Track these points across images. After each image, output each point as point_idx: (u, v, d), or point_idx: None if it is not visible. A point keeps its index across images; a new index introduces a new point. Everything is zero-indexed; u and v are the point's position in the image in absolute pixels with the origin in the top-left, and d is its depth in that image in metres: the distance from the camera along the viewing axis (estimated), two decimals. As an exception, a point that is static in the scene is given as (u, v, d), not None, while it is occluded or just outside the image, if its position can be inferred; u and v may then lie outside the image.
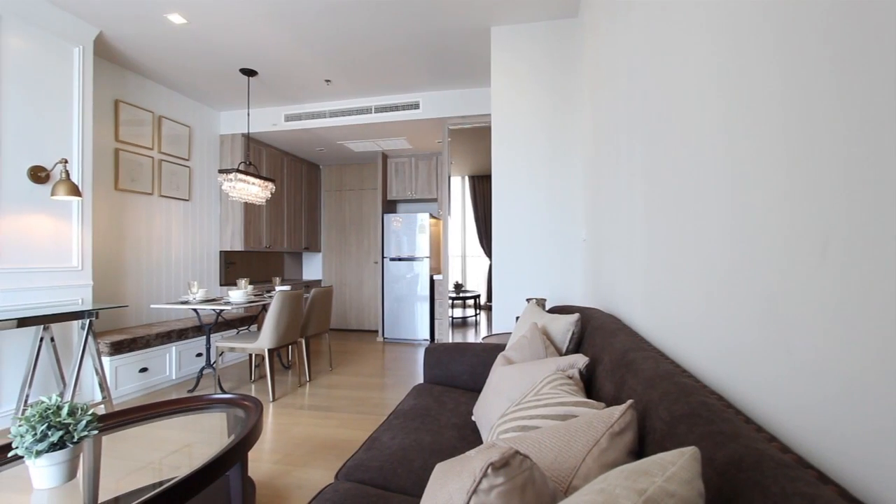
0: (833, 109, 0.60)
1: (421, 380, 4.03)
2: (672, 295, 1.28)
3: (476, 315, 7.27)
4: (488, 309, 8.11)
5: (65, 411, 1.26)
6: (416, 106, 4.65)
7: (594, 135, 2.62)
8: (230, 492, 1.61)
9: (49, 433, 1.21)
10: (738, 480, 0.56)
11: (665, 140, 1.33)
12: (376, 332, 6.56)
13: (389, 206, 6.41)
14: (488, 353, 2.27)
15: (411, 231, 5.92)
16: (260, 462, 2.38)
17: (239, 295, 3.73)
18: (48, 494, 1.33)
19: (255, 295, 4.06)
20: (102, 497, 1.50)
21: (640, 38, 1.59)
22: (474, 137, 5.48)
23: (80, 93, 3.24)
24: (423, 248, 5.90)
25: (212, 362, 3.82)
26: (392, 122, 4.76)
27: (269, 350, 3.45)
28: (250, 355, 4.04)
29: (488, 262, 8.22)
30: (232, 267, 5.38)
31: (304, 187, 6.52)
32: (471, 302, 7.32)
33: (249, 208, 5.24)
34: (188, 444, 2.37)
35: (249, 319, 4.72)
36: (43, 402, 1.30)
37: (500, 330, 3.43)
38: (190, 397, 2.16)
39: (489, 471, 0.56)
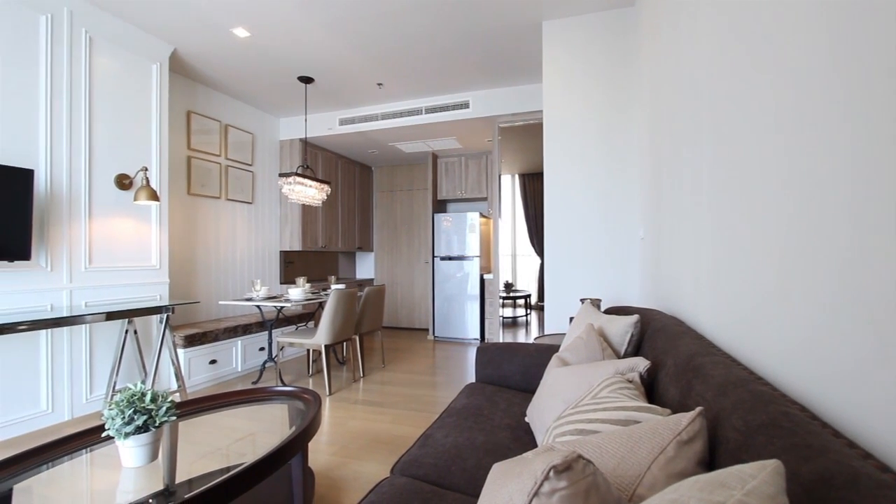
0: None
1: (471, 379, 4.03)
2: (745, 297, 1.19)
3: (527, 315, 7.17)
4: (539, 309, 7.97)
5: (148, 398, 1.38)
6: (465, 105, 4.65)
7: (655, 129, 2.50)
8: (292, 479, 1.69)
9: (135, 417, 1.33)
10: (829, 500, 0.51)
11: (736, 133, 1.24)
12: (427, 330, 6.63)
13: (440, 206, 6.46)
14: (541, 353, 2.23)
15: (461, 230, 5.94)
16: (318, 453, 2.48)
17: (298, 293, 3.91)
18: (134, 473, 1.46)
19: (312, 293, 4.23)
20: (178, 478, 1.63)
21: (708, 31, 1.50)
22: (525, 135, 5.40)
23: (157, 105, 3.52)
24: (473, 247, 5.90)
25: (273, 356, 4.03)
26: (442, 122, 4.80)
27: (325, 346, 3.59)
28: (308, 350, 4.22)
29: (539, 262, 8.08)
30: (290, 266, 5.65)
31: (358, 189, 6.72)
32: (521, 302, 7.23)
33: (307, 210, 5.48)
34: (253, 432, 2.50)
35: (307, 316, 4.93)
36: (129, 389, 1.42)
37: (553, 330, 3.36)
38: (254, 389, 2.28)
39: (551, 474, 0.54)
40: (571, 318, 2.95)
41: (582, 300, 2.76)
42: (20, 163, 2.68)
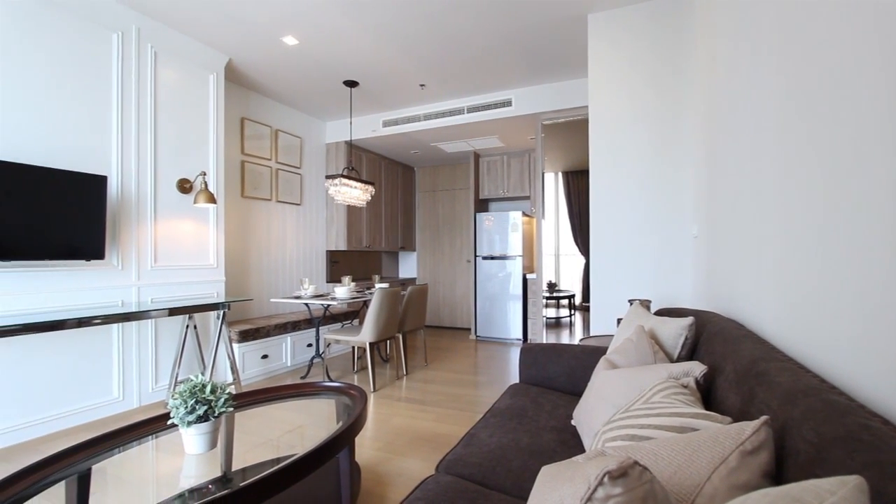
0: None
1: (514, 379, 3.99)
2: (816, 300, 1.11)
3: (570, 316, 7.01)
4: (584, 310, 7.77)
5: (208, 389, 1.46)
6: (508, 103, 4.61)
7: (711, 121, 2.37)
8: (339, 472, 1.74)
9: (196, 407, 1.41)
10: (920, 522, 0.47)
11: (804, 125, 1.16)
12: (469, 329, 6.63)
13: (481, 205, 6.44)
14: (587, 355, 2.17)
15: (503, 229, 5.89)
16: (363, 448, 2.54)
17: (343, 291, 4.01)
18: (196, 459, 1.55)
19: (357, 291, 4.34)
20: (234, 466, 1.71)
21: (773, 18, 1.40)
22: (569, 132, 5.28)
23: (214, 113, 3.73)
24: (515, 246, 5.84)
25: (320, 352, 4.17)
26: (484, 121, 4.78)
27: (369, 343, 3.66)
28: (353, 347, 4.33)
29: (584, 261, 7.88)
30: (336, 265, 5.81)
31: (400, 189, 6.82)
32: (565, 302, 7.08)
33: (351, 210, 5.62)
34: (301, 425, 2.59)
35: (352, 314, 5.06)
36: (191, 380, 1.51)
37: (599, 332, 3.26)
38: (303, 383, 2.36)
39: (605, 479, 0.53)
40: (619, 320, 2.86)
41: (630, 301, 2.66)
42: (95, 170, 2.92)
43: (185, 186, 3.49)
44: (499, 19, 3.26)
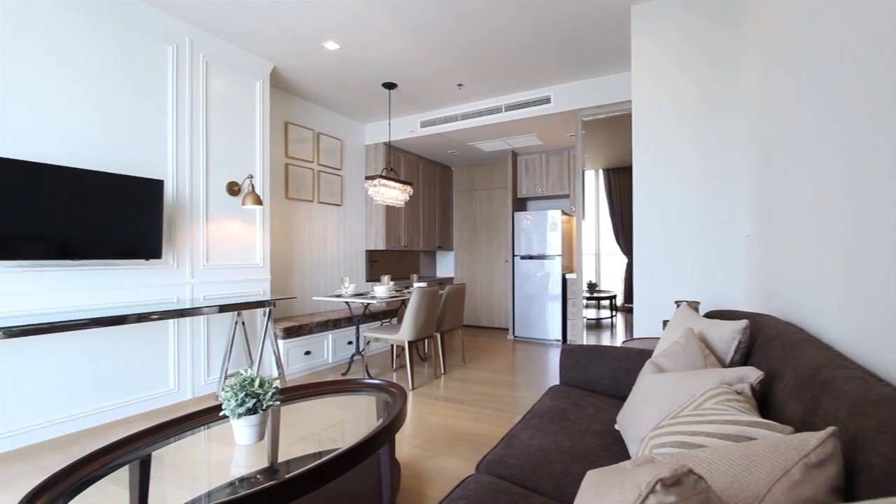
0: None
1: (553, 381, 3.93)
2: (891, 303, 1.02)
3: (612, 317, 6.82)
4: (626, 311, 7.53)
5: (257, 383, 1.52)
6: (546, 100, 4.53)
7: (765, 117, 2.24)
8: (380, 468, 1.77)
9: (246, 400, 1.48)
10: None
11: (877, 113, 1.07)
12: (506, 329, 6.58)
13: (519, 204, 6.37)
14: (631, 358, 2.11)
15: (542, 229, 5.80)
16: (402, 445, 2.57)
17: (383, 290, 4.08)
18: (245, 450, 1.62)
19: (396, 291, 4.39)
20: (280, 458, 1.78)
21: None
22: (610, 128, 5.13)
23: (260, 118, 3.88)
24: (554, 245, 5.74)
25: (360, 350, 4.25)
26: (522, 119, 4.73)
27: (408, 342, 3.70)
28: (392, 346, 4.39)
29: (626, 261, 7.64)
30: (375, 264, 5.92)
31: (438, 189, 6.86)
32: (606, 303, 6.89)
33: (390, 210, 5.70)
34: (342, 420, 2.65)
35: (391, 313, 5.13)
36: (241, 374, 1.58)
37: (643, 334, 3.16)
38: (344, 380, 2.42)
39: (658, 487, 0.51)
40: (664, 322, 2.76)
41: (677, 303, 2.56)
42: (153, 175, 3.11)
43: (233, 189, 3.65)
44: (537, 15, 3.22)
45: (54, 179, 2.57)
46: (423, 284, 4.28)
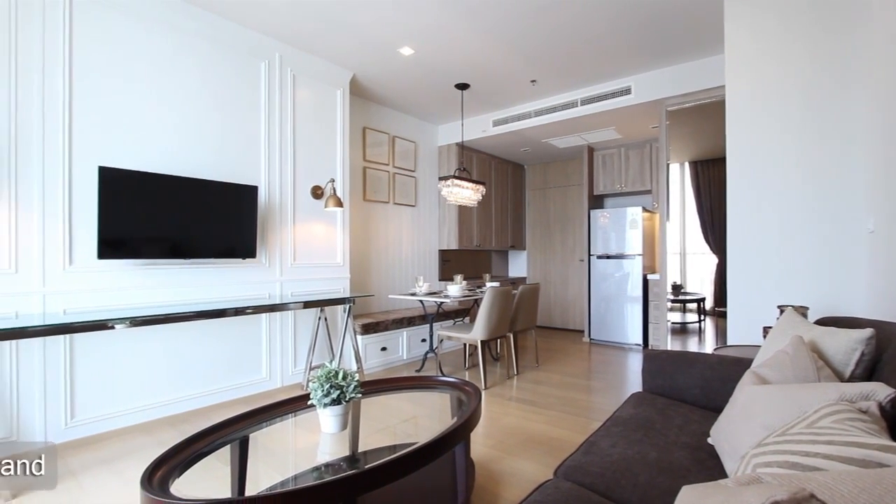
0: None
1: (633, 387, 3.72)
2: None
3: (700, 321, 6.30)
4: (717, 315, 6.93)
5: (340, 375, 1.60)
6: (626, 91, 4.30)
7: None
8: (455, 465, 1.78)
9: (331, 391, 1.56)
10: None
11: None
12: (581, 332, 6.34)
13: (596, 202, 6.11)
14: (726, 366, 1.93)
15: (620, 227, 5.52)
16: (475, 444, 2.57)
17: (455, 289, 4.12)
18: (330, 438, 1.72)
19: (469, 290, 4.42)
20: (360, 448, 1.86)
21: None
22: (698, 117, 4.74)
23: (341, 125, 4.11)
24: (633, 244, 5.43)
25: (433, 348, 4.33)
26: (599, 112, 4.53)
27: (481, 341, 3.70)
28: (464, 344, 4.42)
29: (716, 261, 7.02)
30: (447, 264, 5.99)
31: (510, 188, 6.79)
32: (692, 306, 6.39)
33: (462, 210, 5.74)
34: (416, 416, 2.72)
35: (463, 312, 5.16)
36: (326, 367, 1.68)
37: (737, 341, 2.88)
38: (420, 377, 2.48)
39: (772, 511, 0.46)
40: (765, 329, 2.50)
41: (780, 307, 2.30)
42: (249, 181, 3.40)
43: (317, 192, 3.89)
44: (612, 1, 3.06)
45: (167, 188, 2.91)
46: (496, 284, 4.26)
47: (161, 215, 2.88)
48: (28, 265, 2.45)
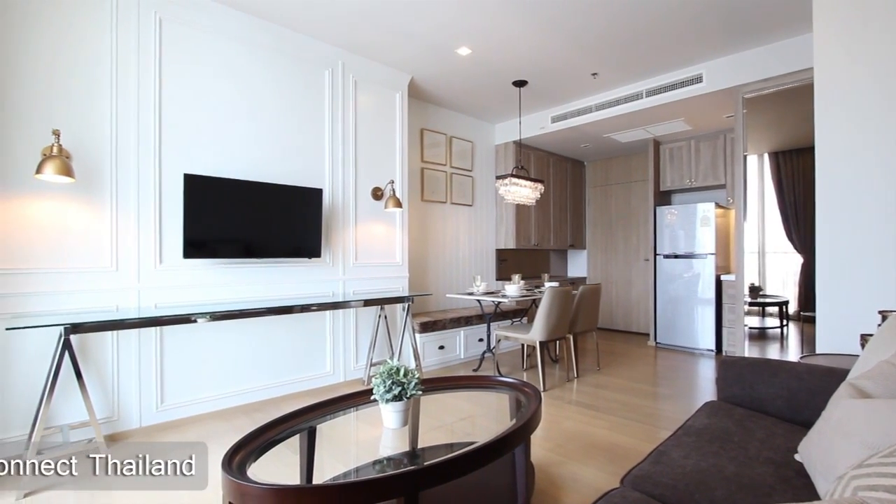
0: None
1: (704, 395, 3.49)
2: None
3: (782, 326, 5.78)
4: (803, 320, 6.32)
5: (402, 372, 1.64)
6: (697, 79, 4.03)
7: None
8: (515, 467, 1.76)
9: (393, 388, 1.60)
10: None
11: None
12: (646, 335, 6.04)
13: (662, 198, 5.79)
14: (815, 377, 1.75)
15: (690, 224, 5.19)
16: (534, 447, 2.51)
17: (513, 289, 4.07)
18: (391, 433, 1.76)
19: (526, 290, 4.35)
20: (420, 444, 1.89)
21: None
22: (779, 103, 4.34)
23: (400, 127, 4.20)
24: (705, 243, 5.09)
25: (491, 348, 4.31)
26: (667, 103, 4.28)
27: (539, 342, 3.63)
28: (522, 345, 4.36)
29: (801, 261, 6.41)
30: (504, 263, 5.94)
31: (569, 185, 6.61)
32: (772, 310, 5.87)
33: (520, 209, 5.67)
34: (473, 415, 2.72)
35: (521, 312, 5.10)
36: (388, 363, 1.72)
37: (828, 349, 2.61)
38: (478, 376, 2.48)
39: (884, 541, 0.41)
40: (863, 336, 2.24)
41: (882, 313, 2.06)
42: (314, 184, 3.57)
43: (377, 194, 4.00)
44: (686, -14, 2.88)
45: (242, 192, 3.12)
46: (555, 284, 4.16)
47: (236, 218, 3.10)
48: (126, 264, 2.73)
